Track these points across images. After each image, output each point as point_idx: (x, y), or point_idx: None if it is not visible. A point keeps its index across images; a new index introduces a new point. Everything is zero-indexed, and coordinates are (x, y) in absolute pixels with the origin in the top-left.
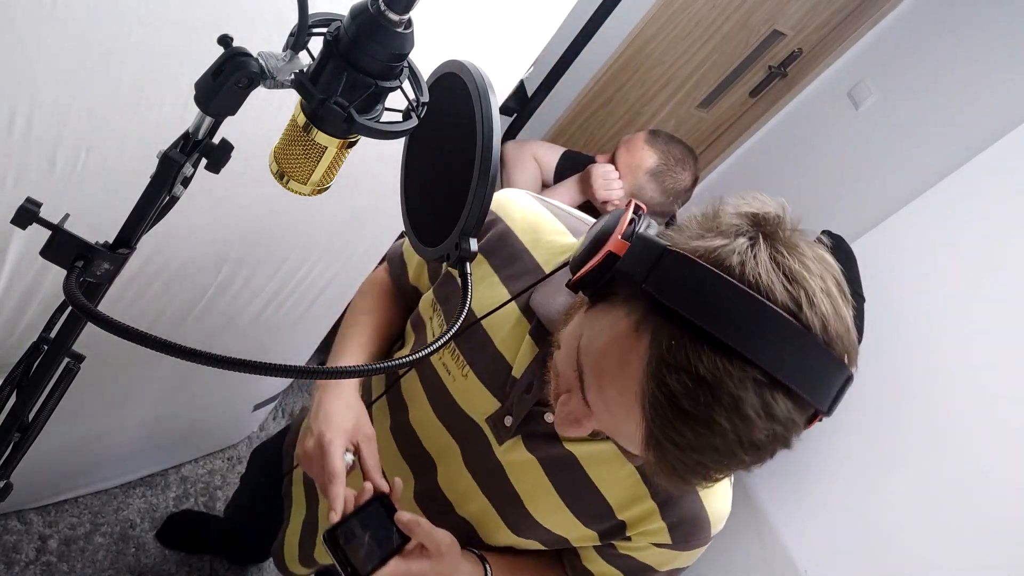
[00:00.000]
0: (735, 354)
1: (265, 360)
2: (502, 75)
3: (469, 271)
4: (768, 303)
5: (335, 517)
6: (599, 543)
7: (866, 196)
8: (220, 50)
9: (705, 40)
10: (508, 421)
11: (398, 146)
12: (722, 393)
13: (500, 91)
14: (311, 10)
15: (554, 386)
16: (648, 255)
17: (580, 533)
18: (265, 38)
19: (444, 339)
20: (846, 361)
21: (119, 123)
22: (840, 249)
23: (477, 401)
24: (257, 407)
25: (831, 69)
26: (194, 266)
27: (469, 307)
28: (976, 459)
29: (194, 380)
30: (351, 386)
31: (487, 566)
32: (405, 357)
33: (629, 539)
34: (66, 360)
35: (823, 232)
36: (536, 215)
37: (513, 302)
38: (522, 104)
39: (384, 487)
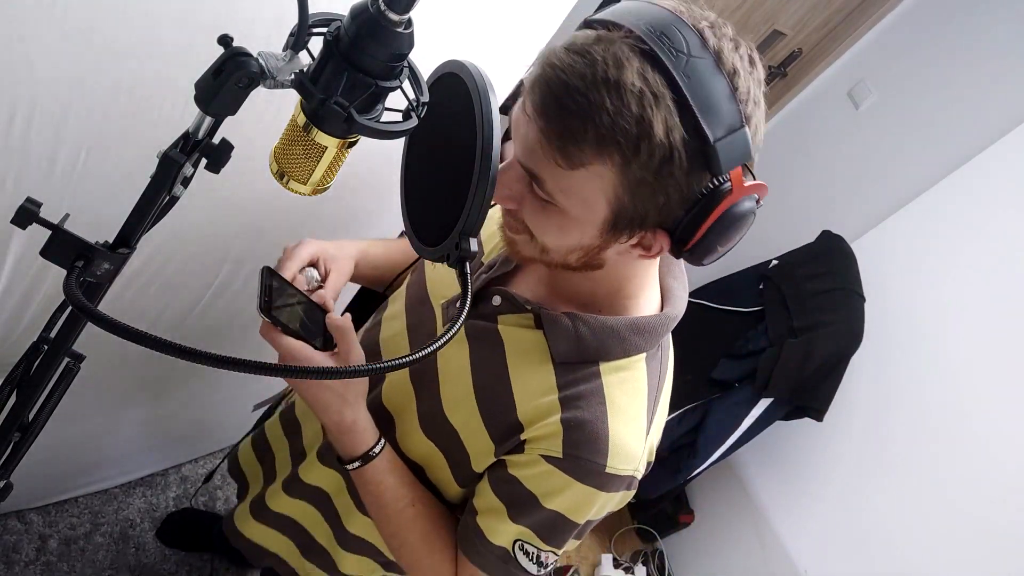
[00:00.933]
0: (633, 33)
1: (265, 360)
2: (502, 75)
3: (469, 271)
4: (680, 17)
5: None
6: (492, 458)
7: (866, 196)
8: (220, 50)
9: None
10: (459, 301)
11: (398, 146)
12: (609, 45)
13: (500, 91)
14: (311, 10)
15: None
16: (607, 4)
17: (479, 443)
18: (265, 38)
19: (444, 339)
20: (738, 99)
21: (119, 123)
22: (840, 249)
23: (444, 286)
24: (257, 407)
25: (831, 69)
26: (194, 266)
27: (467, 304)
28: (976, 459)
29: (194, 380)
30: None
31: (383, 440)
32: (406, 357)
33: (522, 449)
34: (66, 360)
35: (823, 232)
36: None
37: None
38: None
39: (331, 308)
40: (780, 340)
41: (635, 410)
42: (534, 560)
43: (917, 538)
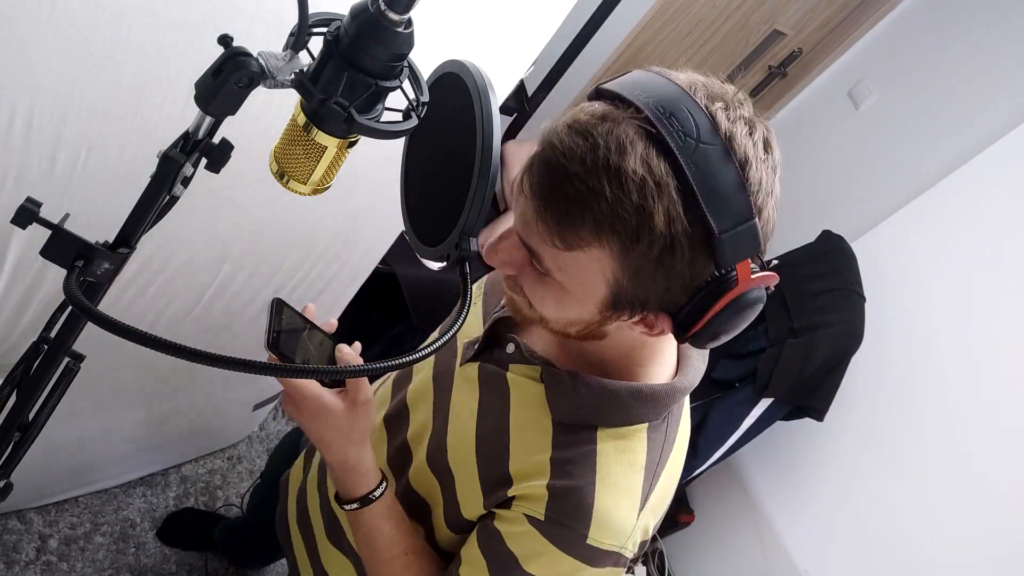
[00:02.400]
0: (641, 113)
1: (265, 360)
2: (502, 75)
3: (469, 271)
4: (692, 97)
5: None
6: (482, 509)
7: (866, 196)
8: (220, 50)
9: (705, 40)
10: (477, 345)
11: (398, 146)
12: (614, 126)
13: (500, 91)
14: (311, 10)
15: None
16: (618, 74)
17: (471, 489)
18: (265, 38)
19: (445, 339)
20: (748, 189)
21: (119, 123)
22: (840, 249)
23: (469, 326)
24: (257, 407)
25: (831, 69)
26: (194, 266)
27: (471, 300)
28: (976, 459)
29: (194, 380)
30: None
31: (384, 484)
32: (405, 357)
33: (509, 505)
34: (66, 360)
35: (823, 232)
36: None
37: None
38: (522, 104)
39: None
40: (780, 340)
41: (629, 483)
42: None
43: (917, 538)
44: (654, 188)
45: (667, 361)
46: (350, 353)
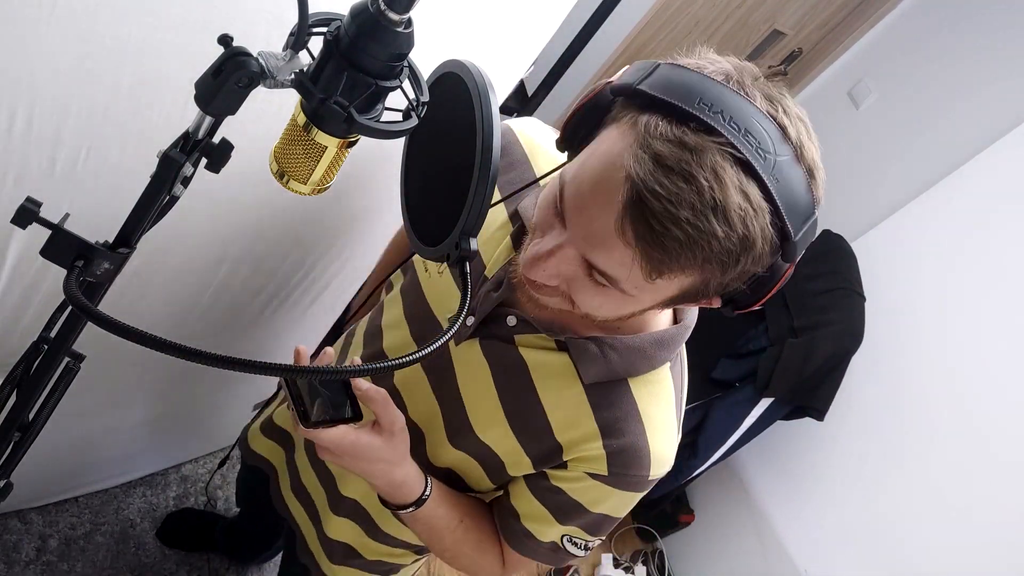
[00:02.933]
0: (719, 134)
1: (265, 360)
2: (502, 75)
3: (469, 271)
4: (752, 103)
5: (303, 356)
6: (532, 471)
7: (866, 196)
8: (220, 50)
9: (705, 40)
10: (469, 321)
11: (398, 146)
12: (704, 157)
13: (500, 91)
14: (311, 10)
15: (530, 237)
16: (643, 68)
17: (516, 457)
18: (265, 38)
19: (445, 337)
20: (813, 188)
21: (119, 122)
22: (840, 249)
23: (447, 299)
24: (257, 407)
25: (831, 69)
26: (194, 266)
27: (467, 304)
28: (977, 458)
29: (194, 380)
30: None
31: (428, 480)
32: (405, 356)
33: (565, 466)
34: (66, 360)
35: (823, 232)
36: (541, 133)
37: (502, 206)
38: (522, 104)
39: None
40: (781, 340)
41: (668, 418)
42: (581, 548)
43: (917, 537)
44: (753, 215)
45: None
46: (370, 387)
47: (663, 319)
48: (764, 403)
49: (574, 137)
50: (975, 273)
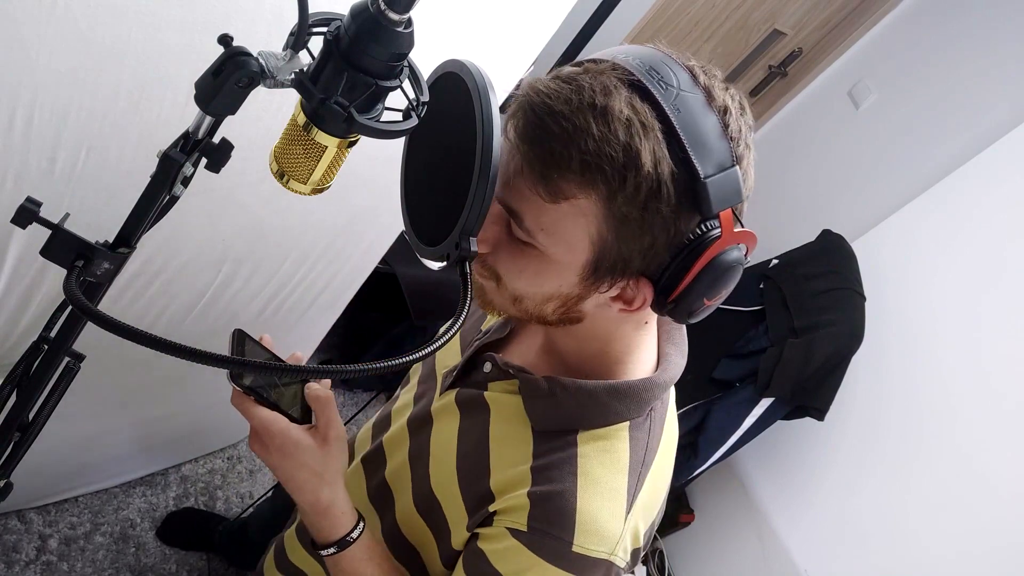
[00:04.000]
0: (622, 68)
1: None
2: (502, 75)
3: (469, 271)
4: (670, 57)
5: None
6: (467, 533)
7: (866, 196)
8: (220, 50)
9: (705, 40)
10: (456, 371)
11: (398, 146)
12: (598, 75)
13: (500, 91)
14: (311, 9)
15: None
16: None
17: (457, 514)
18: (265, 38)
19: (446, 338)
20: (728, 136)
21: (119, 123)
22: (840, 249)
23: (448, 356)
24: None
25: (831, 69)
26: (194, 266)
27: (467, 304)
28: (976, 459)
29: (194, 380)
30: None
31: (361, 523)
32: (405, 356)
33: (491, 521)
34: (66, 360)
35: (823, 231)
36: None
37: None
38: None
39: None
40: (781, 339)
41: (613, 485)
42: None
43: (917, 537)
44: (640, 127)
45: (646, 357)
46: (319, 388)
47: (637, 371)
48: (764, 403)
49: None
50: (975, 273)
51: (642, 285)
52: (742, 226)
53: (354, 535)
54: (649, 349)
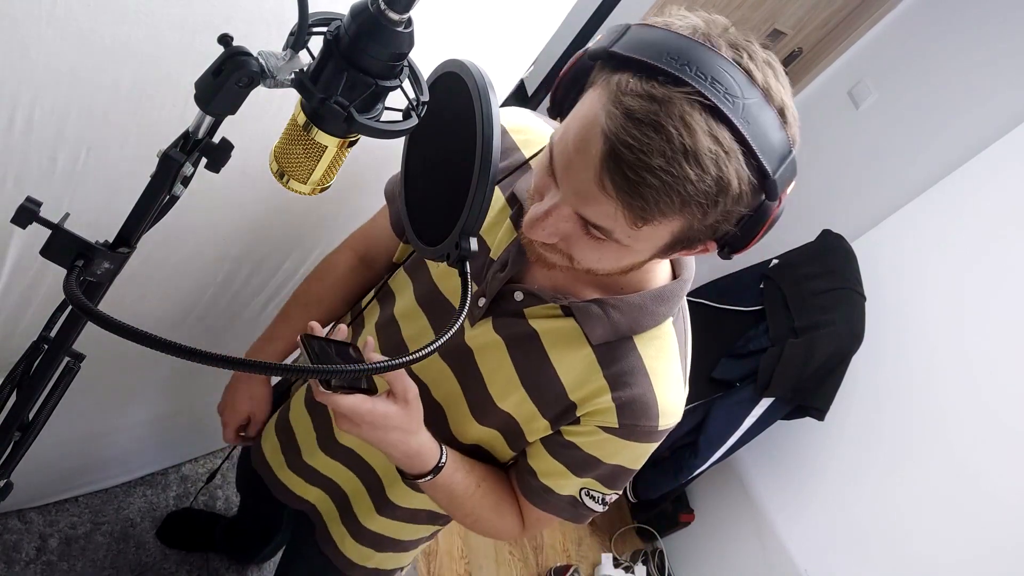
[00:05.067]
0: (686, 84)
1: (264, 360)
2: (502, 75)
3: (469, 270)
4: (717, 52)
5: (316, 329)
6: (549, 432)
7: (866, 195)
8: (220, 50)
9: None
10: (481, 302)
11: (398, 146)
12: (672, 107)
13: (500, 91)
14: (311, 9)
15: (529, 202)
16: (615, 31)
17: (534, 422)
18: (265, 37)
19: (448, 334)
20: (786, 128)
21: (119, 122)
22: (840, 248)
23: (457, 284)
24: None
25: (831, 69)
26: (194, 265)
27: (467, 304)
28: (975, 458)
29: (195, 379)
30: (261, 381)
31: (443, 448)
32: (404, 356)
33: (578, 421)
34: (66, 359)
35: (823, 231)
36: (526, 117)
37: (498, 191)
38: (522, 103)
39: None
40: (781, 339)
41: (673, 371)
42: (599, 502)
43: (917, 537)
44: (724, 157)
45: (665, 263)
46: (380, 356)
47: (661, 275)
48: (765, 403)
49: (562, 105)
50: (975, 272)
51: (708, 243)
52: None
53: (443, 461)
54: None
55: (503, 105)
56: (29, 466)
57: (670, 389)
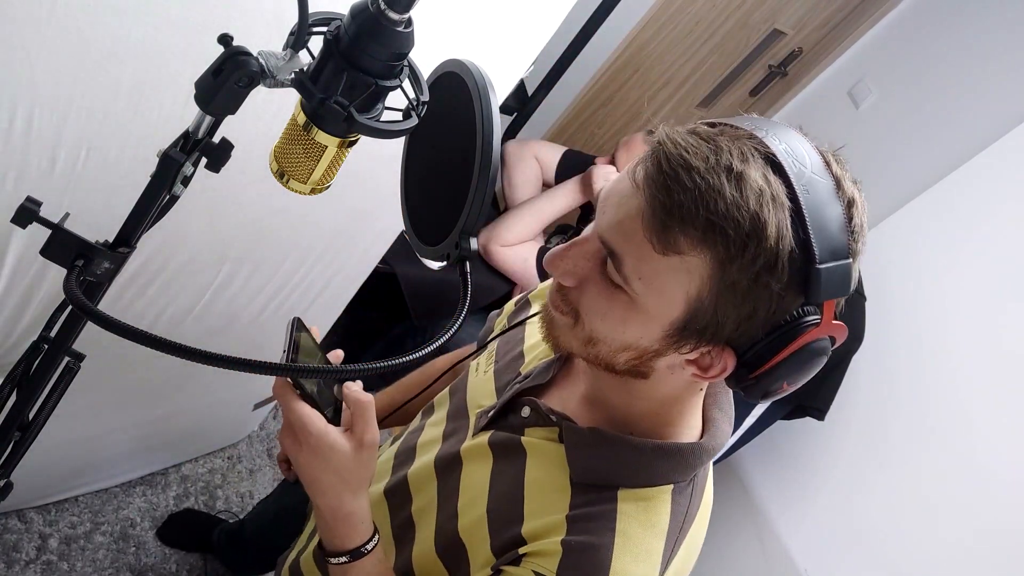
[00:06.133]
0: (756, 137)
1: (265, 360)
2: (502, 74)
3: (468, 270)
4: (806, 138)
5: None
6: (490, 571)
7: (866, 195)
8: (220, 49)
9: (705, 39)
10: (491, 411)
11: (398, 145)
12: (736, 142)
13: (500, 90)
14: (311, 9)
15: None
16: None
17: (482, 556)
18: (265, 37)
19: (446, 337)
20: (849, 230)
21: (119, 122)
22: None
23: (482, 395)
24: (257, 406)
25: (831, 68)
26: (194, 265)
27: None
28: (976, 458)
29: (194, 379)
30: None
31: (376, 536)
32: (405, 356)
33: (518, 562)
34: (66, 359)
35: None
36: None
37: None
38: (522, 103)
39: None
40: None
41: (649, 547)
42: None
43: (917, 538)
44: (770, 200)
45: (693, 423)
46: (359, 391)
47: (684, 435)
48: (765, 403)
49: None
50: (975, 272)
51: (725, 355)
52: (838, 318)
53: (368, 547)
54: (697, 413)
55: (503, 105)
56: (29, 466)
57: (636, 566)
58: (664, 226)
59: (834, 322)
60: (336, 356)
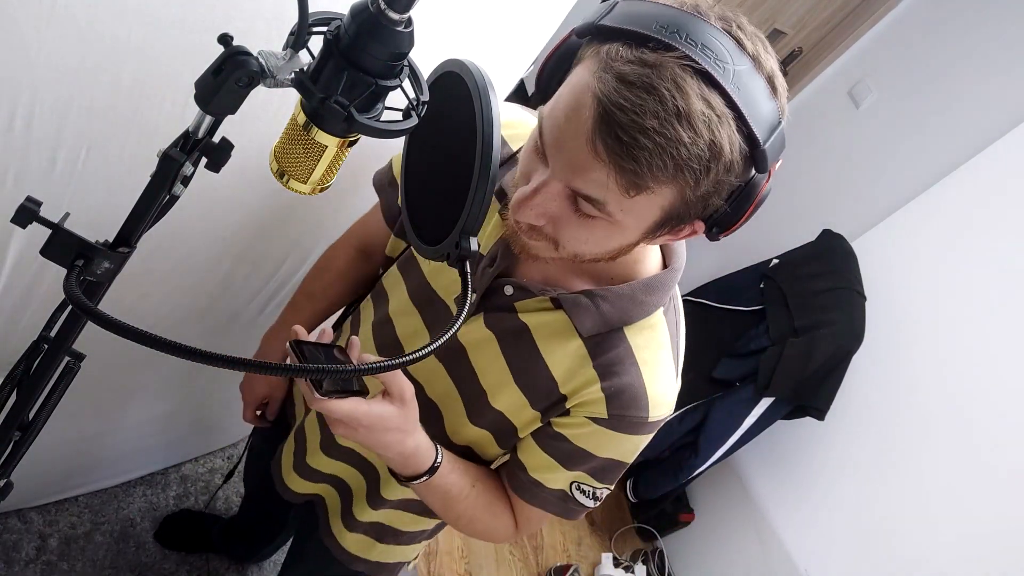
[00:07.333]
0: (676, 49)
1: (264, 359)
2: (502, 74)
3: (469, 270)
4: (707, 21)
5: (302, 333)
6: (539, 424)
7: (866, 195)
8: (220, 49)
9: None
10: (472, 298)
11: (398, 145)
12: (664, 71)
13: (500, 90)
14: (311, 9)
15: (514, 189)
16: (603, 8)
17: (526, 415)
18: (265, 37)
19: (447, 335)
20: (775, 98)
21: (119, 122)
22: (840, 248)
23: (448, 281)
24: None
25: (831, 68)
26: (194, 265)
27: (467, 303)
28: (977, 458)
29: (194, 379)
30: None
31: (439, 449)
32: (404, 356)
33: (568, 413)
34: (66, 359)
35: (823, 231)
36: (517, 114)
37: None
38: (522, 103)
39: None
40: (781, 339)
41: (663, 361)
42: (590, 496)
43: (918, 537)
44: (717, 121)
45: (655, 253)
46: (366, 354)
47: (651, 265)
48: (765, 403)
49: (548, 87)
50: (975, 272)
51: (696, 224)
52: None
53: (439, 460)
54: (657, 247)
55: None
56: (29, 466)
57: (660, 379)
58: (636, 184)
59: (774, 169)
60: (326, 335)
